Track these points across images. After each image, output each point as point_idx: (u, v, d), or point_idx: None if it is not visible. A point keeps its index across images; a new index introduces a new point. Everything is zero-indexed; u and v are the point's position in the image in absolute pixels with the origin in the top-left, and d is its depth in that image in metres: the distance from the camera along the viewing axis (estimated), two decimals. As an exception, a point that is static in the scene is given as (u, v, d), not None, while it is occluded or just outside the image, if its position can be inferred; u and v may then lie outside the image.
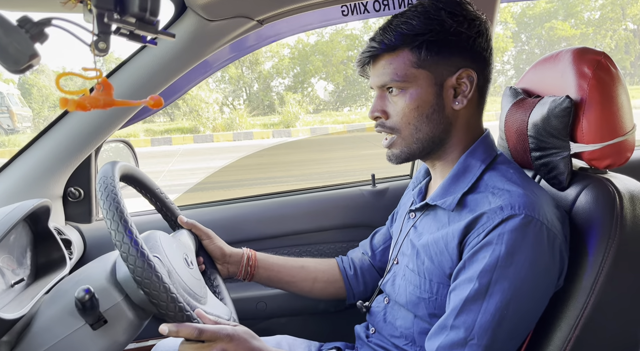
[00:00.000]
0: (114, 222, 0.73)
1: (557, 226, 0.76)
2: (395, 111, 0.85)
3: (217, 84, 18.44)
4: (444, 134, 0.85)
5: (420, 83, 0.82)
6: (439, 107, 0.83)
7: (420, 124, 0.84)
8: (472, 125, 0.87)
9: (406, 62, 0.82)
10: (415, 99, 0.82)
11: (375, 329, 0.99)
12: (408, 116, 0.83)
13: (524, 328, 0.76)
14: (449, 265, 0.81)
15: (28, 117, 14.60)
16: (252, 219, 1.38)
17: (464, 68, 0.81)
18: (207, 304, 0.89)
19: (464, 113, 0.85)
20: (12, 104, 13.65)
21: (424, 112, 0.83)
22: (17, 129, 13.45)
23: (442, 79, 0.82)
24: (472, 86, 0.82)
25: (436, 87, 0.82)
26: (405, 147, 0.86)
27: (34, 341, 0.77)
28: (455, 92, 0.83)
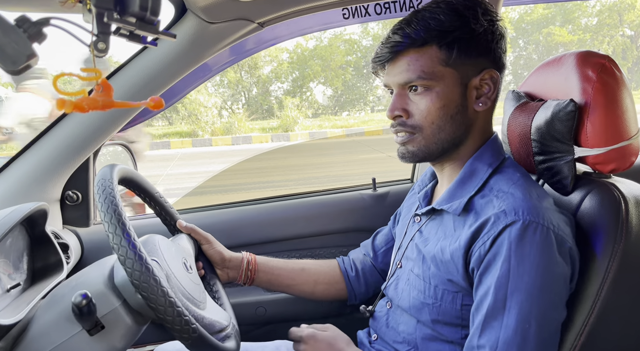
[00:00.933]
0: (112, 225, 0.72)
1: (564, 230, 0.75)
2: (418, 109, 0.82)
3: (216, 88, 18.45)
4: (464, 135, 0.84)
5: (447, 82, 0.80)
6: (463, 108, 0.82)
7: (444, 124, 0.82)
8: (487, 127, 0.86)
9: (434, 59, 0.80)
10: (441, 98, 0.80)
11: (377, 335, 0.98)
12: (433, 115, 0.81)
13: (552, 338, 0.74)
14: (455, 273, 0.80)
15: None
16: (251, 223, 1.37)
17: (487, 69, 0.81)
18: (206, 309, 0.88)
19: (483, 115, 0.84)
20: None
21: (449, 112, 0.81)
22: (14, 133, 13.43)
23: (467, 79, 0.81)
24: (495, 87, 0.81)
25: (461, 87, 0.81)
26: (424, 146, 0.84)
27: (30, 347, 0.75)
28: (477, 93, 0.82)
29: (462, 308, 0.81)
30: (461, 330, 0.82)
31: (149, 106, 0.60)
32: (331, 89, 19.75)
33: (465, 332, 0.82)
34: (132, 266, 0.70)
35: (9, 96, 9.96)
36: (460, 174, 0.85)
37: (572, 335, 0.75)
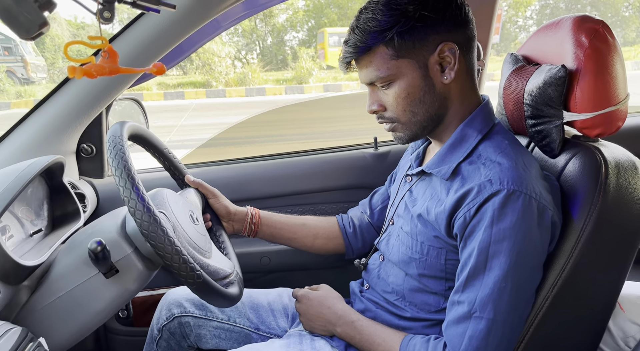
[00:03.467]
0: (122, 179, 0.77)
1: (546, 198, 0.79)
2: (389, 102, 0.86)
3: (230, 37, 18.11)
4: (441, 109, 0.87)
5: (404, 72, 0.83)
6: (429, 87, 0.84)
7: (415, 108, 0.85)
8: (467, 94, 0.88)
9: (384, 58, 0.82)
10: (404, 88, 0.84)
11: (369, 285, 1.05)
12: (402, 104, 0.85)
13: (525, 299, 0.80)
14: (438, 232, 0.86)
15: (42, 66, 14.59)
16: (256, 178, 1.43)
17: (443, 42, 0.81)
18: (212, 258, 0.94)
19: (455, 85, 0.86)
20: (26, 53, 13.64)
21: (416, 97, 0.84)
22: (31, 79, 13.50)
23: (425, 60, 0.82)
24: (456, 57, 0.82)
25: (421, 70, 0.83)
26: (407, 130, 0.89)
27: (52, 287, 0.84)
28: (441, 67, 0.83)
29: (446, 263, 0.87)
30: (445, 282, 0.89)
31: (152, 71, 0.64)
32: (347, 40, 19.21)
33: (449, 284, 0.88)
34: (141, 217, 0.76)
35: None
36: (451, 139, 0.88)
37: (544, 290, 0.81)
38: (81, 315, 0.84)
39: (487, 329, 0.78)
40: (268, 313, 1.14)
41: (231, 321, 1.12)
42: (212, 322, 1.12)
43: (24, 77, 13.41)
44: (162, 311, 1.14)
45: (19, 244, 0.89)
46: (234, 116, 8.09)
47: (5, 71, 12.56)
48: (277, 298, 1.18)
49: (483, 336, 0.78)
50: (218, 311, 1.13)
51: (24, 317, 0.82)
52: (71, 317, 0.83)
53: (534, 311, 0.81)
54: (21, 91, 11.84)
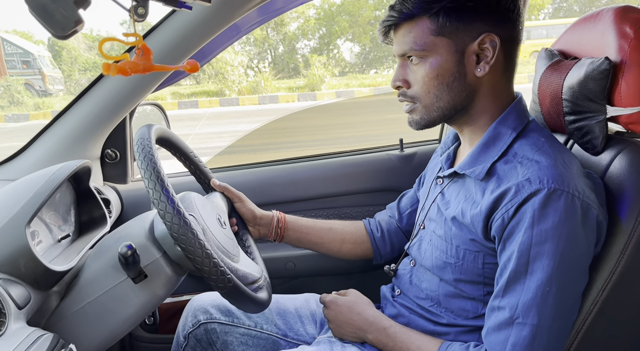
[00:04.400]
0: (152, 181, 0.75)
1: (589, 196, 0.75)
2: (415, 80, 0.84)
3: (242, 46, 18.27)
4: (467, 101, 0.84)
5: (440, 51, 0.80)
6: (460, 75, 0.81)
7: (440, 92, 0.83)
8: (500, 91, 0.85)
9: (425, 31, 0.80)
10: (435, 68, 0.81)
11: (400, 290, 1.02)
12: (428, 84, 0.82)
13: (571, 303, 0.76)
14: (475, 235, 0.82)
15: (59, 79, 14.89)
16: (281, 182, 1.41)
17: (486, 33, 0.79)
18: (240, 262, 0.93)
19: (488, 79, 0.83)
20: (44, 66, 13.94)
21: (444, 81, 0.82)
22: (49, 91, 13.77)
23: (464, 46, 0.80)
24: (495, 52, 0.79)
25: (457, 55, 0.80)
26: (425, 114, 0.86)
27: (81, 292, 0.82)
28: (478, 58, 0.81)
29: (484, 267, 0.83)
30: (483, 287, 0.85)
31: (186, 68, 0.62)
32: (359, 46, 19.28)
33: (488, 289, 0.84)
34: (171, 220, 0.74)
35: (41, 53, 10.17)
36: (484, 138, 0.85)
37: (594, 292, 0.77)
38: (110, 320, 0.82)
39: (532, 336, 0.74)
40: (296, 319, 1.11)
41: (258, 327, 1.10)
42: (239, 329, 1.10)
43: (42, 90, 13.69)
44: (187, 318, 1.12)
45: (47, 250, 0.88)
46: (248, 123, 8.13)
47: (23, 84, 12.82)
48: (304, 304, 1.15)
49: (527, 343, 0.74)
50: (245, 317, 1.10)
51: (54, 323, 0.80)
52: (100, 323, 0.82)
53: (582, 316, 0.77)
54: (39, 103, 12.08)
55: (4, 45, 14.28)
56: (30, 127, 9.14)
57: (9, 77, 13.04)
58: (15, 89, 12.36)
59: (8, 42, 14.42)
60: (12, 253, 0.73)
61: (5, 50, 14.20)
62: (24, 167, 1.14)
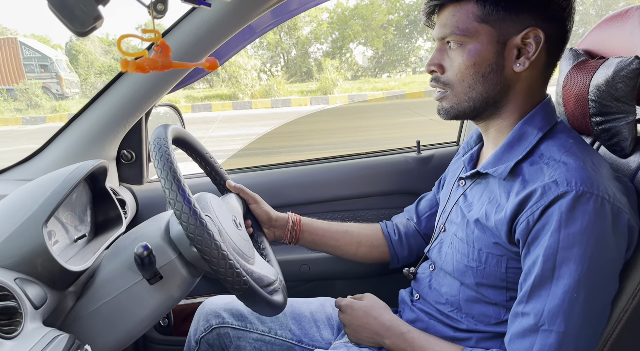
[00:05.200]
0: (168, 181, 0.74)
1: (620, 200, 0.72)
2: (451, 65, 0.81)
3: (255, 50, 18.37)
4: (500, 96, 0.81)
5: (480, 39, 0.77)
6: (497, 67, 0.78)
7: (474, 82, 0.80)
8: (535, 90, 0.82)
9: (469, 15, 0.77)
10: (473, 56, 0.78)
11: (419, 295, 0.99)
12: (463, 72, 0.80)
13: (599, 310, 0.73)
14: (498, 238, 0.80)
15: (76, 83, 15.15)
16: (296, 184, 1.40)
17: (532, 27, 0.76)
18: (255, 264, 0.91)
19: (526, 76, 0.80)
20: (61, 70, 14.18)
21: (480, 71, 0.79)
22: (65, 94, 14.01)
23: (506, 37, 0.77)
24: (538, 48, 0.76)
25: (498, 46, 0.77)
26: (456, 104, 0.83)
27: (97, 293, 0.82)
28: (520, 52, 0.78)
29: (507, 271, 0.80)
30: (506, 292, 0.82)
31: (205, 66, 0.61)
32: (371, 50, 19.27)
33: (511, 294, 0.82)
34: (187, 220, 0.73)
35: (59, 57, 10.36)
36: (509, 137, 0.83)
37: (622, 302, 0.74)
38: (126, 321, 0.82)
39: (558, 343, 0.71)
40: (311, 324, 1.10)
41: (272, 333, 1.08)
42: (252, 334, 1.08)
43: (59, 93, 13.92)
44: (199, 322, 1.11)
45: (64, 250, 0.87)
46: (261, 126, 8.16)
47: (41, 87, 13.04)
48: (319, 308, 1.13)
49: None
50: (258, 322, 1.09)
51: (70, 324, 0.80)
52: (116, 324, 0.81)
53: (611, 325, 0.74)
54: (56, 106, 12.27)
55: (22, 49, 14.56)
56: (46, 130, 9.29)
57: (27, 80, 13.28)
58: (33, 92, 12.59)
59: (26, 46, 14.71)
60: (29, 253, 0.73)
61: (23, 54, 14.48)
62: (41, 168, 1.14)
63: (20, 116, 11.37)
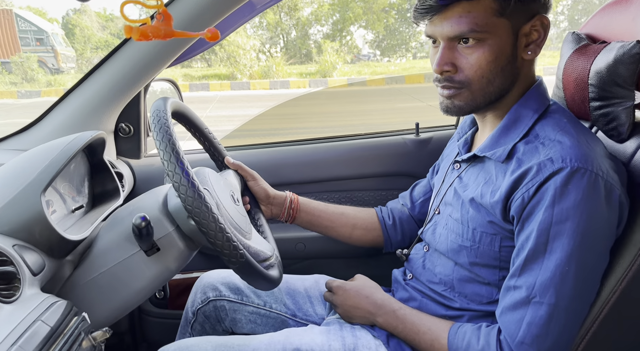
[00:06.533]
0: (167, 153, 0.74)
1: (613, 177, 0.73)
2: (468, 63, 0.78)
3: (255, 30, 18.16)
4: (511, 86, 0.82)
5: (500, 33, 0.76)
6: (513, 58, 0.79)
7: (494, 77, 0.79)
8: (531, 74, 0.83)
9: (488, 10, 0.75)
10: (494, 51, 0.77)
11: (413, 275, 1.01)
12: (484, 69, 0.78)
13: (590, 284, 0.75)
14: (493, 217, 0.81)
15: (72, 57, 14.96)
16: (294, 163, 1.40)
17: (538, 14, 0.77)
18: (252, 239, 0.92)
19: (529, 62, 0.81)
20: (57, 44, 13.98)
21: (500, 65, 0.78)
22: (61, 68, 13.84)
23: (518, 27, 0.77)
24: (545, 33, 0.78)
25: (513, 37, 0.77)
26: (471, 100, 0.81)
27: (94, 263, 0.82)
28: (527, 40, 0.78)
29: (501, 250, 0.82)
30: (499, 271, 0.84)
31: (206, 36, 0.61)
32: (372, 34, 19.08)
33: (503, 274, 0.83)
34: (185, 193, 0.73)
35: (55, 31, 10.22)
36: (504, 120, 0.83)
37: (612, 280, 0.75)
38: (122, 292, 0.82)
39: (548, 315, 0.73)
40: (305, 300, 1.11)
41: (267, 306, 1.10)
42: (248, 307, 1.10)
43: (55, 67, 13.74)
44: (197, 294, 1.13)
45: (61, 220, 0.88)
46: (259, 108, 8.11)
47: (37, 61, 12.87)
48: (314, 285, 1.15)
49: (544, 322, 0.73)
50: (254, 296, 1.11)
51: (67, 292, 0.81)
52: (112, 294, 0.82)
53: (601, 303, 0.76)
54: (51, 80, 12.13)
55: (17, 21, 14.32)
56: (41, 104, 9.19)
57: (23, 53, 13.10)
58: (29, 66, 12.42)
59: (22, 18, 14.46)
60: (27, 220, 0.73)
61: (19, 26, 14.24)
62: (38, 138, 1.14)
63: (16, 89, 11.25)
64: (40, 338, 0.62)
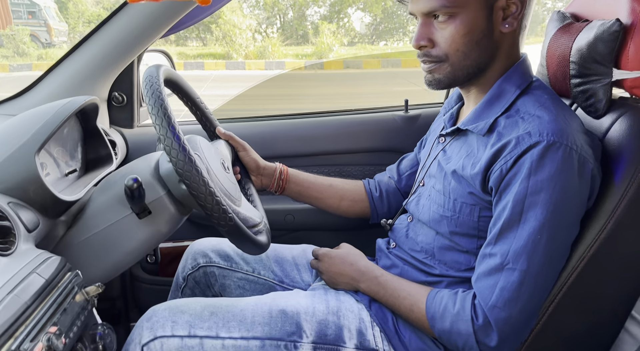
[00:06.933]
0: (159, 117, 0.76)
1: (587, 151, 0.77)
2: (443, 37, 0.82)
3: (251, 9, 17.91)
4: (490, 59, 0.84)
5: (471, 7, 0.79)
6: (488, 31, 0.81)
7: (469, 50, 0.82)
8: (513, 49, 0.86)
9: None
10: (466, 25, 0.80)
11: (396, 243, 1.04)
12: (458, 42, 0.81)
13: (560, 253, 0.79)
14: (473, 188, 0.84)
15: (64, 31, 14.69)
16: (285, 137, 1.42)
17: None
18: (241, 206, 0.95)
19: (509, 36, 0.83)
20: (50, 18, 13.72)
21: (474, 38, 0.81)
22: (53, 43, 13.60)
23: (492, 1, 0.80)
24: (523, 6, 0.80)
25: (486, 11, 0.80)
26: (450, 73, 0.85)
27: (87, 223, 0.85)
28: (504, 14, 0.81)
29: (479, 220, 0.85)
30: (477, 240, 0.87)
31: (198, 1, 0.63)
32: (370, 16, 18.88)
33: (481, 243, 0.87)
34: (176, 156, 0.75)
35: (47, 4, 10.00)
36: (487, 95, 0.86)
37: (581, 249, 0.79)
38: (114, 252, 0.85)
39: (520, 281, 0.77)
40: (292, 267, 1.15)
41: (256, 273, 1.13)
42: (237, 273, 1.13)
43: (47, 42, 13.51)
44: (187, 261, 1.16)
45: (55, 182, 0.90)
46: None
47: (29, 35, 12.64)
48: (301, 253, 1.18)
49: (515, 287, 0.77)
50: (243, 262, 1.14)
51: (61, 250, 0.83)
52: (105, 254, 0.84)
53: (569, 269, 0.80)
54: (43, 54, 11.95)
55: (9, -6, 14.01)
56: (32, 77, 9.06)
57: (15, 27, 12.86)
58: (21, 40, 12.21)
59: (13, -10, 14.14)
60: (22, 180, 0.75)
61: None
62: (31, 104, 1.15)
63: (7, 63, 11.08)
64: (35, 289, 0.64)
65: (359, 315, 0.93)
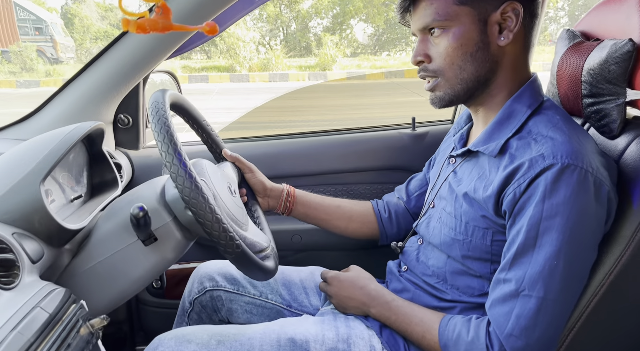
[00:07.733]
0: (165, 144, 0.75)
1: (603, 173, 0.75)
2: (438, 52, 0.83)
3: (255, 22, 18.08)
4: (490, 73, 0.83)
5: (462, 21, 0.80)
6: (484, 44, 0.81)
7: (464, 63, 0.82)
8: (519, 66, 0.84)
9: (447, 0, 0.80)
10: (458, 38, 0.80)
11: (407, 267, 1.02)
12: (452, 55, 0.81)
13: (577, 278, 0.76)
14: (486, 211, 0.82)
15: (71, 47, 14.88)
16: (291, 156, 1.41)
17: (508, 1, 0.78)
18: (248, 231, 0.93)
19: (510, 50, 0.82)
20: (56, 34, 13.91)
21: (468, 51, 0.81)
22: (60, 58, 13.78)
23: (486, 15, 0.80)
24: (519, 20, 0.79)
25: (480, 24, 0.80)
26: (449, 89, 0.85)
27: (92, 252, 0.83)
28: (500, 27, 0.80)
29: (492, 244, 0.83)
30: (490, 265, 0.85)
31: (204, 30, 0.61)
32: (372, 27, 19.00)
33: (495, 267, 0.84)
34: (182, 183, 0.74)
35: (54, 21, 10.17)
36: (498, 115, 0.85)
37: (600, 274, 0.77)
38: (120, 281, 0.84)
39: (537, 308, 0.74)
40: (300, 291, 1.13)
41: (263, 297, 1.11)
42: (244, 297, 1.12)
43: (54, 57, 13.68)
44: (194, 284, 1.14)
45: (60, 209, 0.89)
46: (258, 100, 8.09)
47: (35, 51, 12.80)
48: (309, 276, 1.16)
49: (532, 315, 0.75)
50: (250, 286, 1.12)
51: (66, 280, 0.82)
52: (110, 282, 0.83)
53: (589, 295, 0.77)
54: (50, 70, 12.08)
55: (16, 10, 14.23)
56: (40, 94, 9.16)
57: (22, 43, 13.03)
58: (28, 56, 12.36)
59: (21, 7, 14.36)
60: (26, 209, 0.74)
61: (18, 15, 14.17)
62: (37, 128, 1.15)
63: (15, 79, 11.20)
64: (39, 324, 0.63)
65: (369, 342, 0.90)
